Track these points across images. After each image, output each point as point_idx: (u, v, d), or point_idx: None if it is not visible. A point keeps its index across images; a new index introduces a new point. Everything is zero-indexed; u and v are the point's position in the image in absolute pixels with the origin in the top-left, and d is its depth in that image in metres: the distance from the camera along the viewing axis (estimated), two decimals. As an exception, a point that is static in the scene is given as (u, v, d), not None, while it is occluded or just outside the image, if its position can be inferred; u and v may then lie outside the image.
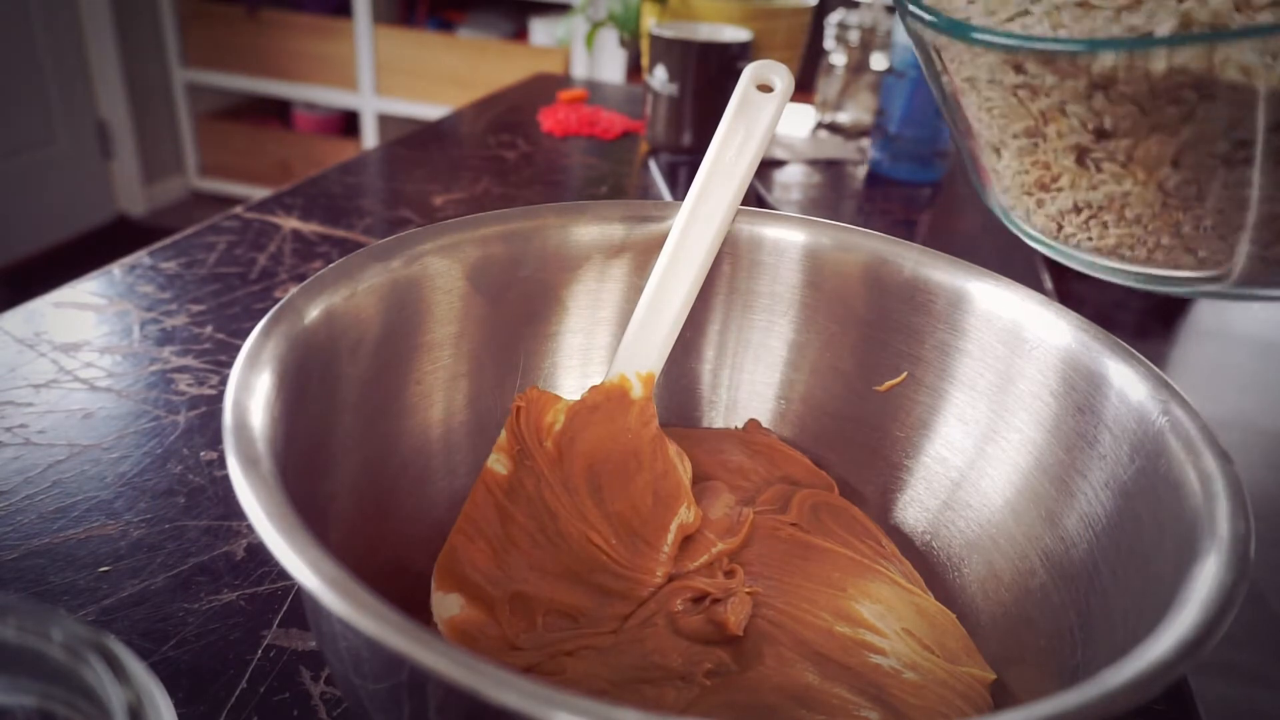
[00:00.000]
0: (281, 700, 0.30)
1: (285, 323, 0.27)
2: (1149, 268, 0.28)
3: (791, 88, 0.36)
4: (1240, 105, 0.22)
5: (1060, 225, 0.29)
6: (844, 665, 0.29)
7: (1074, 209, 0.28)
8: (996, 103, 0.27)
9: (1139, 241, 0.27)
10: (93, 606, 0.33)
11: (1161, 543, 0.25)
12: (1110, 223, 0.27)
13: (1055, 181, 0.28)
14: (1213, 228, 0.25)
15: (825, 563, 0.33)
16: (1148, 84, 0.23)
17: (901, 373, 0.35)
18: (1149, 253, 0.27)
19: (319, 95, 2.31)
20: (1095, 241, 0.28)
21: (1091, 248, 0.29)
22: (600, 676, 0.29)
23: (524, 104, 1.02)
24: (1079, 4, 0.24)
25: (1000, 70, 0.26)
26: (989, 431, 0.33)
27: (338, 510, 0.28)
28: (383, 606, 0.18)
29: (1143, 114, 0.24)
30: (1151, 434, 0.27)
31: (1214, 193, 0.25)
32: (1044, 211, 0.29)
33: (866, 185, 0.86)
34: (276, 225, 0.66)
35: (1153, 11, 0.23)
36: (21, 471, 0.39)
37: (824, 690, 0.28)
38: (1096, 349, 0.30)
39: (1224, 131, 0.23)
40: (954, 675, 0.29)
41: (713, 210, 0.36)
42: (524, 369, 0.36)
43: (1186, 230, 0.26)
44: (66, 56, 2.09)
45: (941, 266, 0.34)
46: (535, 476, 0.33)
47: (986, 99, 0.28)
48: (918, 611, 0.32)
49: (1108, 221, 0.27)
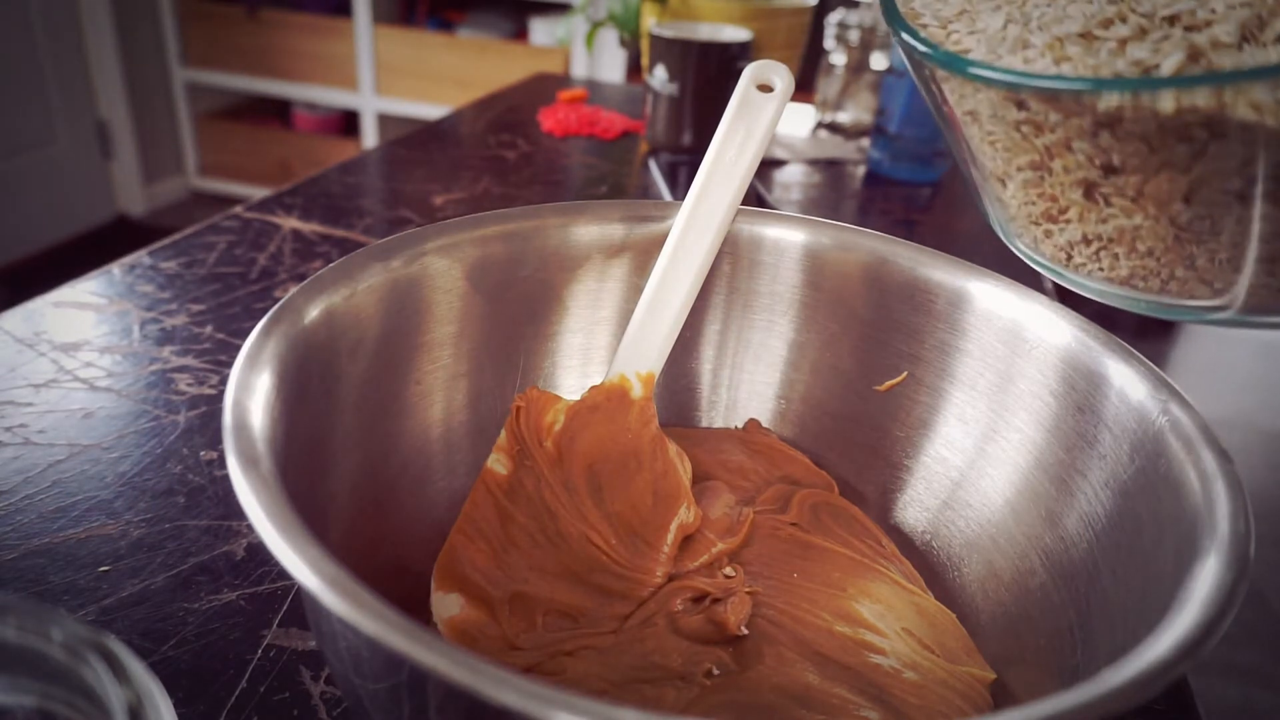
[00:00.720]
0: (281, 700, 0.30)
1: (285, 323, 0.27)
2: (1163, 297, 0.27)
3: (792, 88, 0.36)
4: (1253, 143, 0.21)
5: (1070, 255, 0.28)
6: (844, 665, 0.29)
7: (1084, 240, 0.27)
8: (999, 137, 0.27)
9: (1152, 273, 0.26)
10: (93, 606, 0.33)
11: (1161, 542, 0.25)
12: (1122, 255, 0.27)
13: (1063, 214, 0.27)
14: (1228, 261, 0.25)
15: (825, 562, 0.33)
16: (1155, 122, 0.22)
17: (901, 372, 0.35)
18: (1163, 284, 0.26)
19: (319, 95, 2.31)
20: (1107, 272, 0.27)
21: (1103, 278, 0.28)
22: (600, 676, 0.29)
23: (524, 104, 1.02)
24: (1082, 34, 0.23)
25: (1002, 106, 0.25)
26: (989, 431, 0.33)
27: (338, 510, 0.28)
28: (383, 606, 0.18)
29: (1151, 152, 0.23)
30: (1151, 434, 0.27)
31: (1228, 228, 0.24)
32: (1052, 241, 0.28)
33: (866, 185, 0.86)
34: (276, 225, 0.66)
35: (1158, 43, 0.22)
36: (21, 471, 0.39)
37: (824, 690, 0.28)
38: (1096, 348, 0.30)
39: (1237, 169, 0.22)
40: (954, 675, 0.29)
41: (713, 210, 0.36)
42: (524, 369, 0.36)
43: (1201, 263, 0.25)
44: (66, 56, 2.09)
45: (941, 266, 0.34)
46: (535, 476, 0.33)
47: (989, 132, 0.27)
48: (918, 611, 0.32)
49: (1119, 254, 0.27)
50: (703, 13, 0.88)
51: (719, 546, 0.33)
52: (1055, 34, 0.24)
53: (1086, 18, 0.24)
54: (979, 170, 0.29)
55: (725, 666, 0.29)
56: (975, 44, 0.26)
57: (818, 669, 0.29)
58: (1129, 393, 0.28)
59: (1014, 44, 0.24)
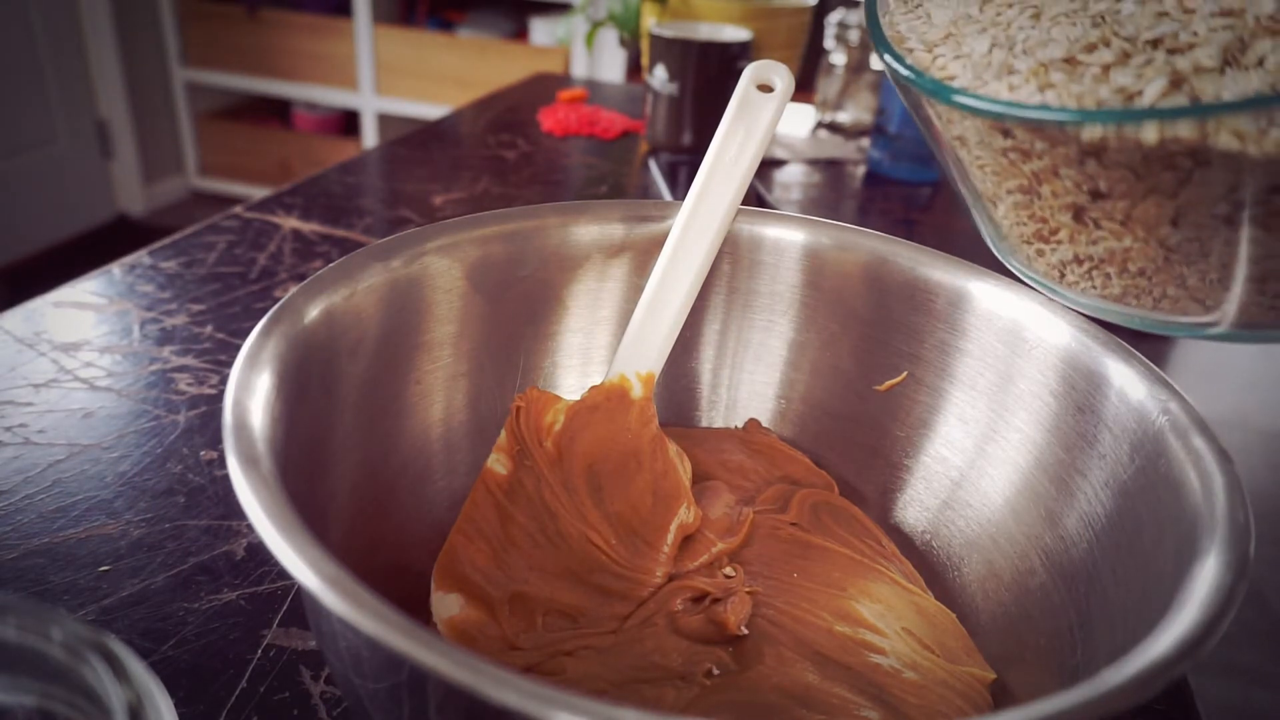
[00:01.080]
0: (281, 700, 0.30)
1: (285, 322, 0.27)
2: (1156, 314, 0.27)
3: (792, 88, 0.36)
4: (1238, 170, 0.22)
5: (1063, 274, 0.28)
6: (844, 665, 0.29)
7: (1075, 260, 0.27)
8: (987, 161, 0.27)
9: (1144, 292, 0.27)
10: (93, 606, 0.33)
11: (1161, 542, 0.25)
12: (1114, 274, 0.27)
13: (1054, 235, 0.27)
14: (1218, 280, 0.25)
15: (825, 562, 0.33)
16: (1140, 152, 0.22)
17: (901, 372, 0.35)
18: (1155, 302, 0.27)
19: (319, 95, 2.31)
20: (1100, 290, 0.28)
21: (1097, 295, 0.28)
22: (599, 676, 0.29)
23: (524, 104, 1.02)
24: (1066, 59, 0.23)
25: (988, 134, 0.26)
26: (989, 431, 0.33)
27: (338, 510, 0.28)
28: (383, 606, 0.18)
29: (1138, 178, 0.23)
30: (1151, 433, 0.27)
31: (1217, 250, 0.24)
32: (1045, 260, 0.29)
33: (866, 185, 0.86)
34: (276, 225, 0.66)
35: (1141, 69, 0.22)
36: (21, 471, 0.39)
37: (824, 690, 0.28)
38: (1096, 348, 0.30)
39: (1223, 195, 0.22)
40: (954, 675, 0.29)
41: (712, 210, 0.36)
42: (524, 369, 0.36)
43: (1192, 283, 0.25)
44: (66, 56, 2.09)
45: (941, 266, 0.34)
46: (535, 476, 0.33)
47: (977, 156, 0.27)
48: (918, 611, 0.32)
49: (1110, 274, 0.27)
50: (703, 13, 0.88)
51: (719, 546, 0.33)
52: (1040, 59, 0.24)
53: (1070, 42, 0.24)
54: (970, 191, 0.29)
55: (725, 666, 0.29)
56: (960, 69, 0.25)
57: (818, 669, 0.29)
58: (1129, 392, 0.28)
59: (999, 70, 0.25)
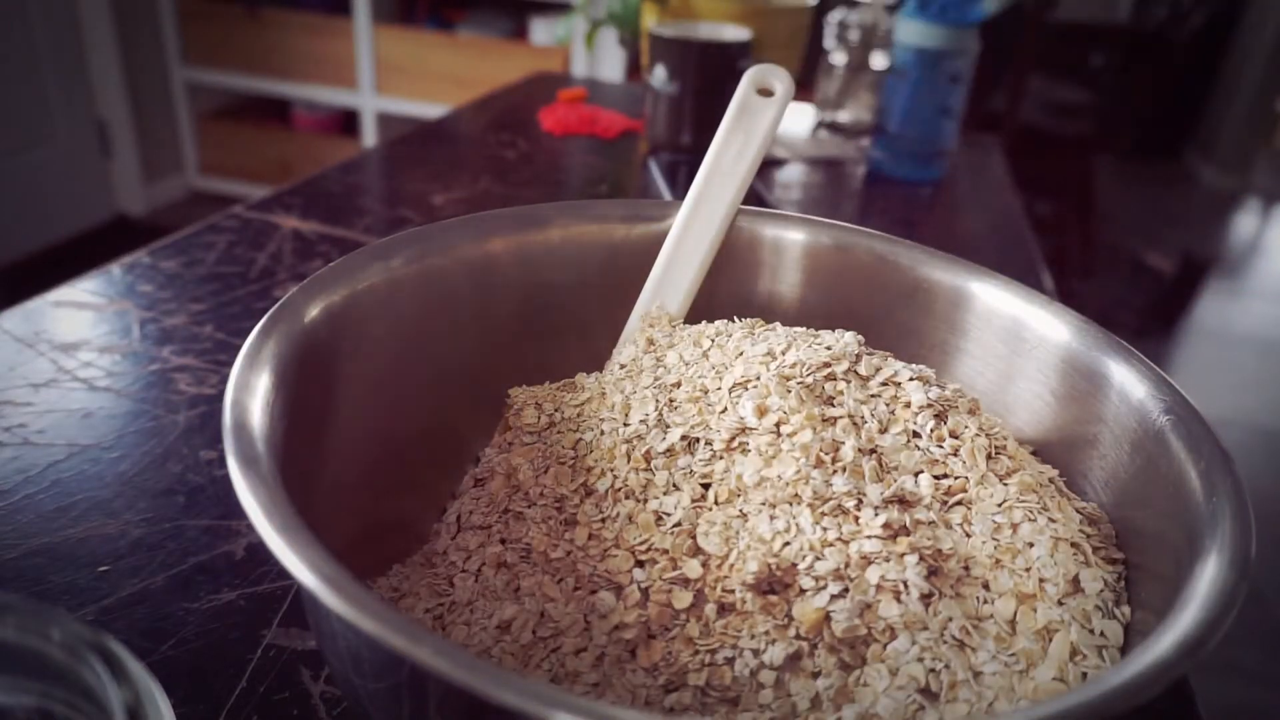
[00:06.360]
0: (281, 699, 0.30)
1: (285, 322, 0.27)
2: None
3: (792, 92, 0.36)
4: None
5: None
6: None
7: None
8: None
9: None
10: (92, 606, 0.33)
11: (1162, 542, 0.25)
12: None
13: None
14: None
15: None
16: None
17: (901, 372, 0.35)
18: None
19: (319, 94, 2.31)
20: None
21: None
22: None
23: (524, 103, 1.02)
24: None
25: None
26: (989, 431, 0.33)
27: (337, 510, 0.28)
28: (383, 606, 0.18)
29: None
30: (1152, 433, 0.27)
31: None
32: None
33: (866, 185, 0.86)
34: (276, 224, 0.66)
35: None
36: (21, 471, 0.39)
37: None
38: (1097, 348, 0.30)
39: None
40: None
41: (711, 213, 0.36)
42: (524, 369, 0.36)
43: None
44: (65, 55, 2.09)
45: (941, 266, 0.34)
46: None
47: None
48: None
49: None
50: (703, 12, 0.88)
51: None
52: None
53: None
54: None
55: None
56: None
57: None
58: (1129, 392, 0.28)
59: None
